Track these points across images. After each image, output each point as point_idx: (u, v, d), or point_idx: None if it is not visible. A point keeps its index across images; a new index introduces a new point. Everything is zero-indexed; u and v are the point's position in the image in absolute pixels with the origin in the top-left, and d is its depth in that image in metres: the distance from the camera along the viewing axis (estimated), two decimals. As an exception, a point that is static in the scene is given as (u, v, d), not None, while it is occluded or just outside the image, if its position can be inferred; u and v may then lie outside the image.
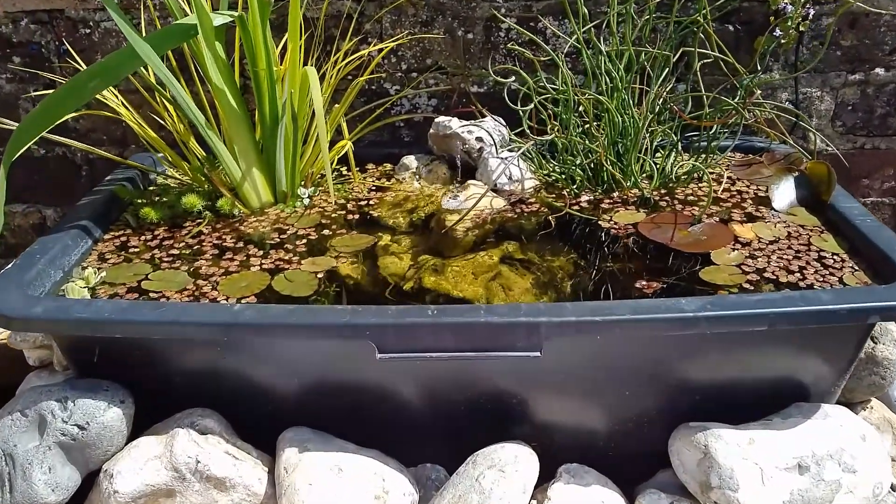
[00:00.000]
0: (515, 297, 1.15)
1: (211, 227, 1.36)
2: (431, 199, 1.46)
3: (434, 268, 1.23)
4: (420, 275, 1.21)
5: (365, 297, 1.13)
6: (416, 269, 1.23)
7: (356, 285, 1.17)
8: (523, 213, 1.38)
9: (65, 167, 1.83)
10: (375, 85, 1.67)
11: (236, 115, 1.34)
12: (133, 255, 1.26)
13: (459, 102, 1.66)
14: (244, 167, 1.38)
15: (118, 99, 1.46)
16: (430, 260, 1.25)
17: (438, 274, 1.21)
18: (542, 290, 1.16)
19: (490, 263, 1.24)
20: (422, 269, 1.23)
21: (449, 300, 1.13)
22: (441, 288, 1.17)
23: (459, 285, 1.18)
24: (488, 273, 1.22)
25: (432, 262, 1.24)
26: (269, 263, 1.21)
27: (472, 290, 1.17)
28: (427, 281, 1.19)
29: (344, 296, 1.14)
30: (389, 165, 1.64)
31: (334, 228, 1.34)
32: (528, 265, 1.25)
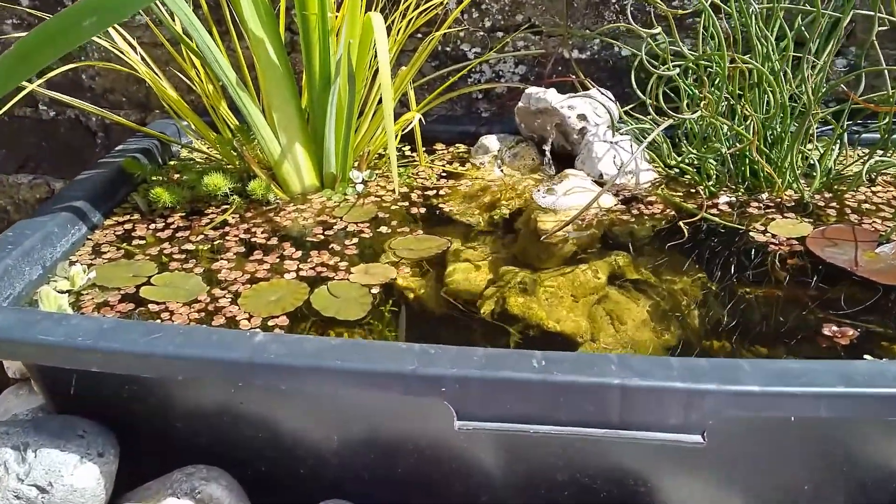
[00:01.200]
0: (629, 334, 0.88)
1: (239, 215, 1.11)
2: (517, 192, 1.19)
3: (522, 285, 0.95)
4: (504, 294, 0.94)
5: (429, 324, 0.87)
6: (498, 285, 0.96)
7: (419, 304, 0.90)
8: (642, 215, 1.10)
9: (77, 133, 1.60)
10: (451, 45, 1.40)
11: (277, 73, 1.08)
12: (137, 248, 1.02)
13: (554, 71, 1.37)
14: (285, 141, 1.12)
15: (138, 54, 1.22)
16: (516, 273, 0.97)
17: (527, 294, 0.94)
18: (664, 325, 0.89)
19: (595, 283, 0.96)
20: (506, 286, 0.96)
21: (543, 334, 0.86)
22: (531, 315, 0.90)
23: (555, 312, 0.91)
24: (592, 296, 0.95)
25: (519, 277, 0.97)
26: (309, 269, 0.96)
27: (573, 321, 0.89)
28: (513, 303, 0.92)
29: (402, 319, 0.88)
30: (463, 147, 1.37)
31: (394, 225, 1.08)
32: (644, 287, 0.97)
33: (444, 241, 1.04)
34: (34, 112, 1.59)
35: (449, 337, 0.86)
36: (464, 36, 1.39)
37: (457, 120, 1.42)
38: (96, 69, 1.53)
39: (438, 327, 0.87)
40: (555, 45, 1.36)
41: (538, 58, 1.38)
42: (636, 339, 0.87)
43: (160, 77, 1.23)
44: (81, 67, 1.54)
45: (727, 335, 0.85)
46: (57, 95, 1.19)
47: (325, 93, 1.11)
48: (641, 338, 0.87)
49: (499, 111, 1.41)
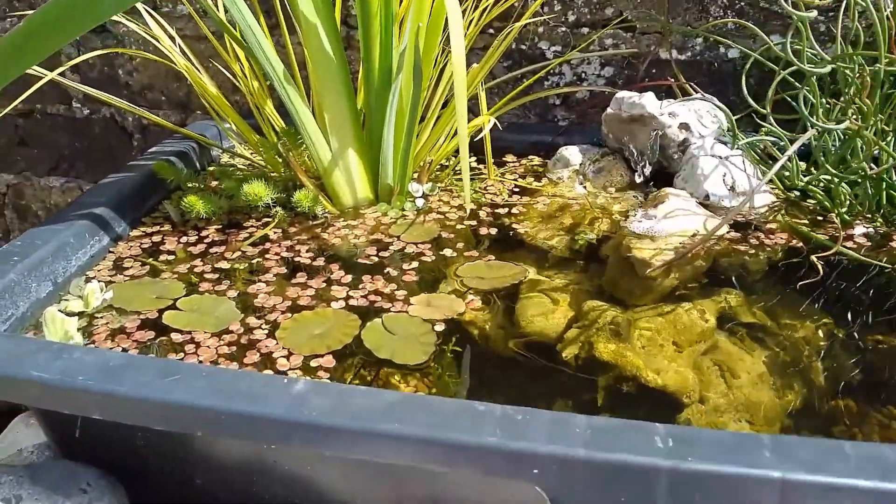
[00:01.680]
0: (744, 392, 0.75)
1: (281, 230, 0.98)
2: (604, 213, 1.04)
3: (613, 327, 0.81)
4: (590, 336, 0.79)
5: (500, 370, 0.73)
6: (582, 324, 0.81)
7: (487, 345, 0.76)
8: (762, 245, 0.94)
9: (113, 133, 1.50)
10: (527, 43, 1.25)
11: (331, 66, 0.95)
12: (164, 264, 0.90)
13: (647, 74, 1.22)
14: (336, 146, 0.99)
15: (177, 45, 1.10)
16: (605, 311, 0.83)
17: (620, 338, 0.79)
18: (786, 382, 0.74)
19: (701, 327, 0.81)
20: (592, 327, 0.81)
21: (640, 388, 0.72)
22: (626, 364, 0.75)
23: (655, 361, 0.76)
24: (698, 343, 0.81)
25: (609, 316, 0.82)
26: (361, 297, 0.82)
27: (676, 374, 0.75)
28: (602, 348, 0.77)
29: (468, 363, 0.74)
30: (538, 159, 1.22)
31: (460, 248, 0.94)
32: (760, 333, 0.82)
33: (520, 270, 0.89)
34: (67, 110, 1.50)
35: (525, 388, 0.72)
36: (542, 32, 1.25)
37: (530, 128, 1.27)
38: (134, 64, 1.43)
39: (511, 375, 0.73)
40: (649, 44, 1.21)
41: (629, 58, 1.22)
42: (753, 398, 0.72)
43: (200, 72, 1.11)
44: (119, 62, 1.44)
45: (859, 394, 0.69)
46: (90, 91, 1.08)
47: (385, 91, 0.97)
48: (759, 397, 0.72)
49: (579, 119, 1.26)
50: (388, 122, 0.98)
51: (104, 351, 0.67)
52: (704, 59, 1.23)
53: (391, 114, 0.98)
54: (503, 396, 0.70)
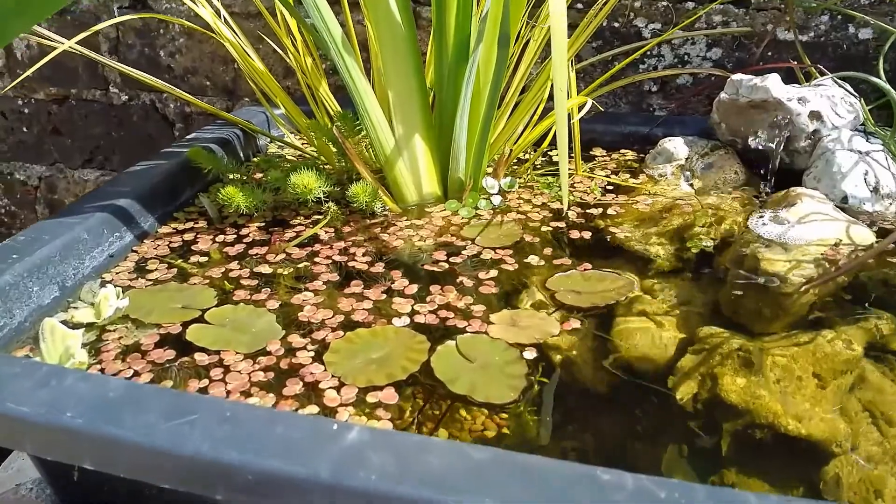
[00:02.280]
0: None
1: (334, 230, 0.84)
2: (719, 216, 0.87)
3: (741, 356, 0.65)
4: (713, 369, 0.63)
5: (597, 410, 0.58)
6: (699, 352, 0.65)
7: (579, 376, 0.61)
8: (927, 261, 0.76)
9: (153, 122, 1.38)
10: (620, 20, 1.09)
11: (398, 35, 0.80)
12: (195, 267, 0.76)
13: (763, 57, 1.04)
14: (401, 131, 0.84)
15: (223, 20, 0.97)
16: (727, 338, 0.67)
17: (747, 370, 0.63)
18: None
19: (846, 356, 0.65)
20: (713, 357, 0.64)
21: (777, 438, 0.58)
22: (760, 407, 0.61)
23: (794, 403, 0.61)
24: (844, 376, 0.65)
25: (735, 344, 0.65)
26: (429, 313, 0.67)
27: (822, 420, 0.61)
28: (728, 385, 0.62)
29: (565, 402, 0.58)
30: (631, 153, 1.06)
31: (547, 254, 0.78)
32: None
33: (625, 282, 0.73)
34: (104, 95, 1.38)
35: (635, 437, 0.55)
36: (640, 7, 1.08)
37: (622, 118, 1.11)
38: (176, 44, 1.31)
39: (614, 418, 0.57)
40: (765, 22, 1.03)
41: (741, 38, 1.05)
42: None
43: (248, 50, 0.97)
44: (160, 43, 1.31)
45: None
46: (128, 69, 0.95)
47: (461, 66, 0.82)
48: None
49: (679, 109, 1.09)
50: (463, 103, 0.83)
51: (104, 378, 0.52)
52: (830, 40, 1.05)
53: (466, 94, 0.82)
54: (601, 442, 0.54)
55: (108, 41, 1.33)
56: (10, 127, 1.45)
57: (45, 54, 1.34)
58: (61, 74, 1.37)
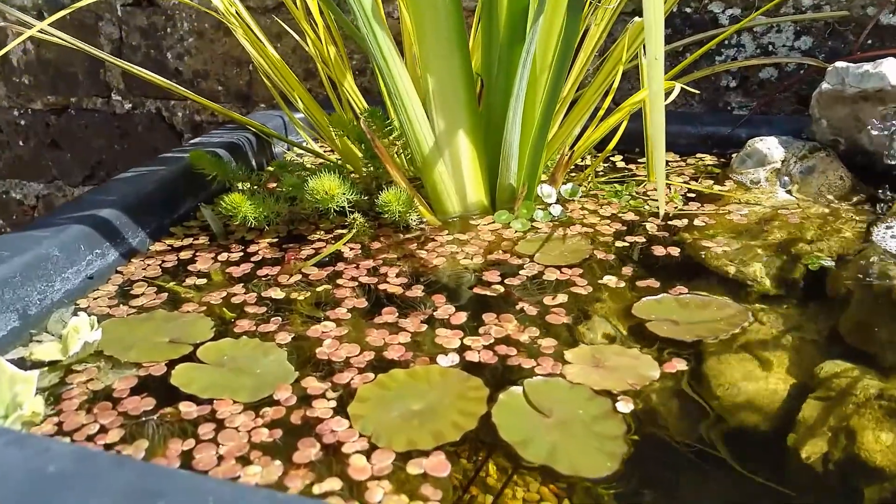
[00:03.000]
0: None
1: (360, 245, 0.69)
2: (830, 228, 0.72)
3: (883, 406, 0.48)
4: (844, 419, 0.47)
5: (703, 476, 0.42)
6: (825, 398, 0.50)
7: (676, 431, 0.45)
8: None
9: (159, 132, 1.25)
10: (693, 5, 0.95)
11: (439, 5, 0.66)
12: (190, 291, 0.62)
13: (863, 45, 0.89)
14: (442, 127, 0.70)
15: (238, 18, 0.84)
16: (856, 378, 0.52)
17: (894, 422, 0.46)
18: None
19: None
20: (843, 406, 0.49)
21: None
22: None
23: None
24: None
25: (871, 388, 0.51)
26: (484, 348, 0.52)
27: None
28: (870, 443, 0.48)
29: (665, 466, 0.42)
30: (709, 157, 0.91)
31: (627, 274, 0.63)
32: None
33: (737, 310, 0.58)
34: (106, 103, 1.26)
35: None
36: (716, -11, 0.94)
37: (697, 119, 0.96)
38: (185, 45, 1.18)
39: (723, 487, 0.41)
40: (865, 4, 0.88)
41: (835, 24, 0.90)
42: None
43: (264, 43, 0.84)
44: (168, 44, 1.19)
45: None
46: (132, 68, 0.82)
47: (516, 47, 0.68)
48: None
49: (763, 108, 0.94)
50: (518, 93, 0.69)
51: (45, 443, 0.38)
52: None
53: (522, 80, 0.68)
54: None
55: (110, 42, 1.21)
56: (5, 141, 1.34)
57: (43, 60, 1.22)
58: (60, 81, 1.25)
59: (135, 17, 1.19)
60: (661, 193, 0.56)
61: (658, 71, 0.53)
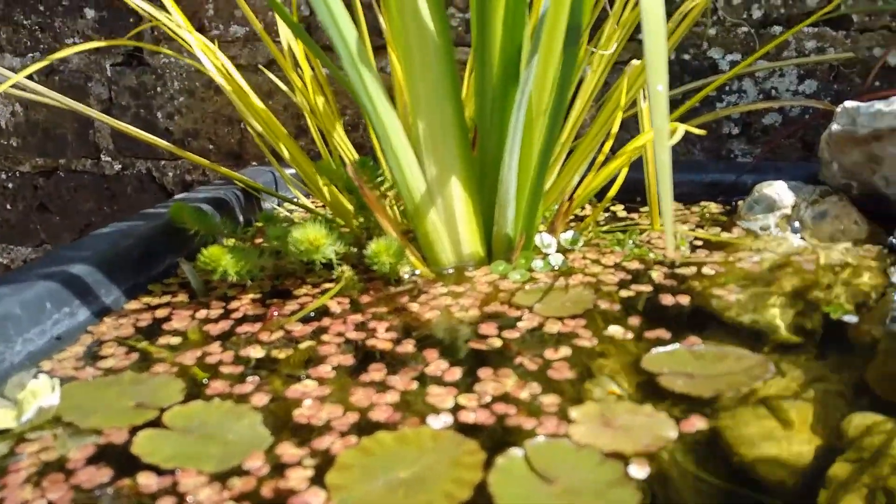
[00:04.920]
0: None
1: (349, 300, 0.64)
2: (848, 274, 0.67)
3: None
4: (879, 477, 0.41)
5: None
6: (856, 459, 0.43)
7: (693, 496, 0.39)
8: None
9: (149, 193, 1.22)
10: (692, 51, 0.91)
11: (428, 46, 0.63)
12: (163, 351, 0.57)
13: (870, 87, 0.85)
14: (433, 173, 0.66)
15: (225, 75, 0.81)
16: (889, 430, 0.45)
17: None
18: None
19: None
20: (878, 463, 0.43)
21: None
22: None
23: None
24: None
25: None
26: (480, 407, 0.47)
27: None
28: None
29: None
30: (714, 206, 0.86)
31: (634, 325, 0.59)
32: None
33: (757, 361, 0.53)
34: (95, 165, 1.22)
35: None
36: (715, 34, 0.91)
37: (700, 167, 0.92)
38: (175, 104, 1.15)
39: None
40: (871, 46, 0.85)
41: (840, 66, 0.87)
42: None
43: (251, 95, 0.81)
44: (158, 103, 1.16)
45: None
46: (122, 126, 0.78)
47: (510, 88, 0.64)
48: None
49: (766, 155, 0.90)
50: (513, 137, 0.65)
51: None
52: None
53: (517, 124, 0.64)
54: None
55: (100, 103, 1.18)
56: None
57: (31, 121, 1.19)
58: (49, 143, 1.22)
59: (124, 76, 1.16)
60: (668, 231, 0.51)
61: (662, 104, 0.49)
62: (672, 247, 0.54)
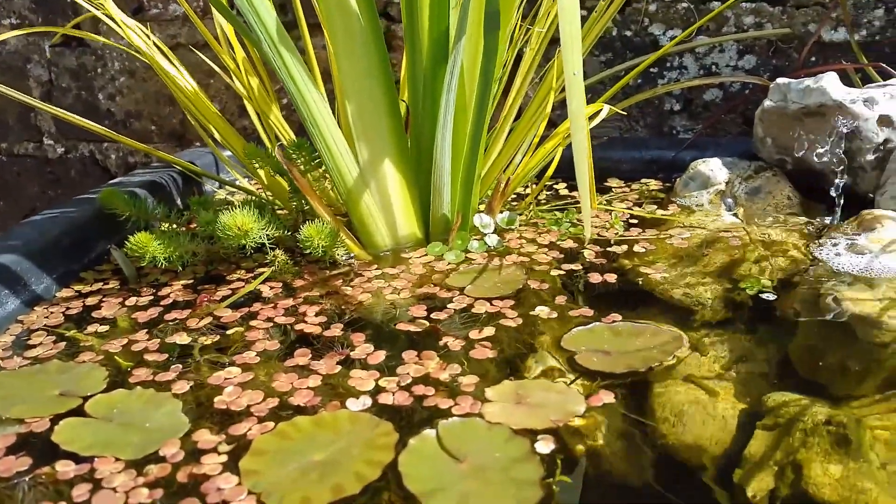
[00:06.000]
0: None
1: (283, 284, 0.65)
2: (775, 249, 0.69)
3: (831, 432, 0.45)
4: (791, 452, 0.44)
5: None
6: (771, 428, 0.46)
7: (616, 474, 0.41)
8: None
9: (93, 176, 1.21)
10: (633, 27, 0.93)
11: (354, 28, 0.63)
12: (92, 339, 0.58)
13: (805, 62, 0.87)
14: (367, 156, 0.67)
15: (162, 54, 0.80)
16: (804, 406, 0.48)
17: (842, 453, 0.44)
18: None
19: None
20: (790, 436, 0.46)
21: None
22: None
23: None
24: None
25: (820, 417, 0.47)
26: (400, 389, 0.48)
27: None
28: (817, 476, 0.46)
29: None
30: (654, 182, 0.88)
31: (561, 304, 0.60)
32: None
33: (671, 336, 0.55)
34: (38, 149, 1.21)
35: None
36: (655, 11, 0.92)
37: (642, 143, 0.94)
38: (117, 85, 1.14)
39: None
40: (807, 21, 0.87)
41: (778, 42, 0.88)
42: None
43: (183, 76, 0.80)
44: (99, 84, 1.15)
45: None
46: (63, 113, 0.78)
47: (439, 69, 0.65)
48: None
49: (708, 130, 0.92)
50: (444, 117, 0.65)
51: None
52: (887, 37, 0.88)
53: (448, 104, 0.65)
54: None
55: (40, 85, 1.17)
56: (-67, 190, 1.29)
57: (-32, 104, 1.17)
58: None
59: (64, 57, 1.15)
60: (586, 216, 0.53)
61: (578, 88, 0.50)
62: (589, 233, 0.56)
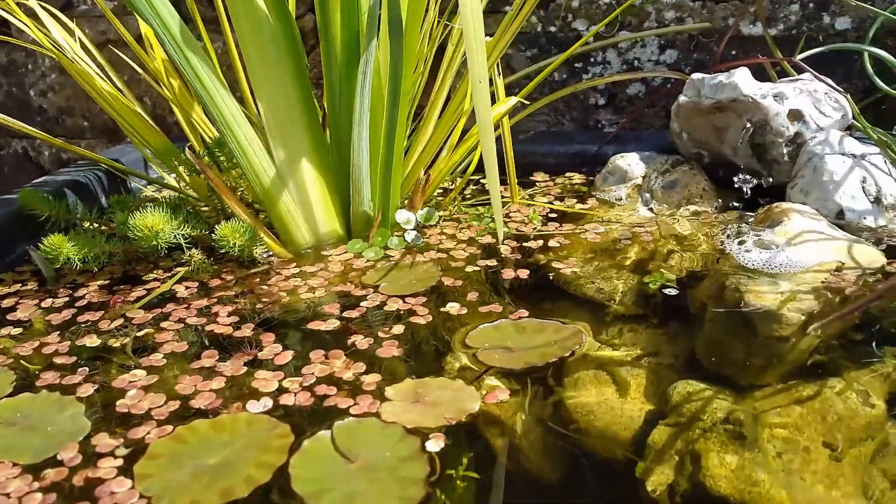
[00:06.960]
0: None
1: (199, 284, 0.65)
2: (688, 243, 0.71)
3: (729, 425, 0.47)
4: (691, 443, 0.46)
5: None
6: (674, 423, 0.48)
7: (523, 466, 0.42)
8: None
9: (27, 174, 1.20)
10: (557, 23, 0.94)
11: (264, 28, 0.63)
12: (4, 341, 0.58)
13: (724, 56, 0.89)
14: (282, 156, 0.67)
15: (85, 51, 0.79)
16: (710, 398, 0.51)
17: (739, 444, 0.46)
18: None
19: (865, 416, 0.51)
20: (691, 428, 0.47)
21: None
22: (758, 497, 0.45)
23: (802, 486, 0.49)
24: (863, 443, 0.47)
25: (720, 409, 0.49)
26: (302, 390, 0.50)
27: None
28: (715, 466, 0.47)
29: None
30: (578, 176, 0.90)
31: (472, 300, 0.61)
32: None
33: (572, 332, 0.56)
34: (-34, 145, 1.19)
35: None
36: (578, 7, 0.93)
37: (566, 137, 0.95)
38: (48, 81, 1.13)
39: None
40: (726, 16, 0.89)
41: (699, 36, 0.90)
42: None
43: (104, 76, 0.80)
44: (30, 81, 1.14)
45: None
46: None
47: (353, 69, 0.65)
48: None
49: (632, 123, 0.93)
50: (360, 115, 0.66)
51: None
52: (802, 32, 0.91)
53: (363, 103, 0.66)
54: None
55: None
56: None
57: None
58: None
59: (-9, 53, 1.14)
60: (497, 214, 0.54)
61: (483, 95, 0.51)
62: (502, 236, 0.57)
